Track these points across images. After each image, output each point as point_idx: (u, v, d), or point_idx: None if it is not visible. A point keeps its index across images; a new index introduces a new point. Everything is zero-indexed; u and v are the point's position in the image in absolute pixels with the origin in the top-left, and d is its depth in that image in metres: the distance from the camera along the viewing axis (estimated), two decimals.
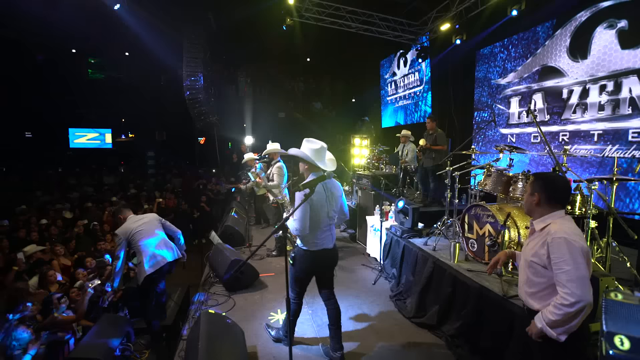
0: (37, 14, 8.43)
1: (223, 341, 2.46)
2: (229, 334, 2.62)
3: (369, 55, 12.55)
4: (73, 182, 12.12)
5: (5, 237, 5.92)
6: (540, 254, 1.55)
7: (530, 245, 1.69)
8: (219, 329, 2.56)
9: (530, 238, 1.74)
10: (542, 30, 6.19)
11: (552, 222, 1.59)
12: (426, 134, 6.36)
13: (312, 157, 2.69)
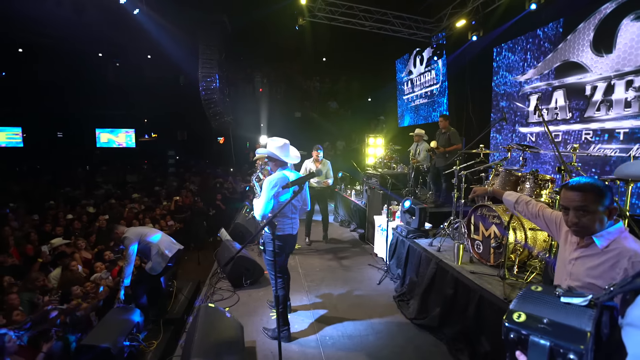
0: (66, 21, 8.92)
1: (220, 334, 2.53)
2: (227, 327, 2.68)
3: (385, 54, 12.42)
4: (99, 179, 12.74)
5: (34, 231, 6.31)
6: (611, 276, 1.34)
7: (587, 264, 1.43)
8: (216, 322, 2.63)
9: (579, 255, 1.47)
10: (562, 24, 5.91)
11: (620, 238, 1.38)
12: (439, 133, 6.23)
13: (278, 154, 3.04)
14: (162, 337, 3.72)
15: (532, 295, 0.95)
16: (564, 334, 0.83)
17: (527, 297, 1.01)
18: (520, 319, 0.91)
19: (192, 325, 2.65)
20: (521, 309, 0.97)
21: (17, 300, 3.93)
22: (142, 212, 8.16)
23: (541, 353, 0.84)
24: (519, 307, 0.98)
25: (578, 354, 0.79)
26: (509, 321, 0.91)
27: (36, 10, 8.35)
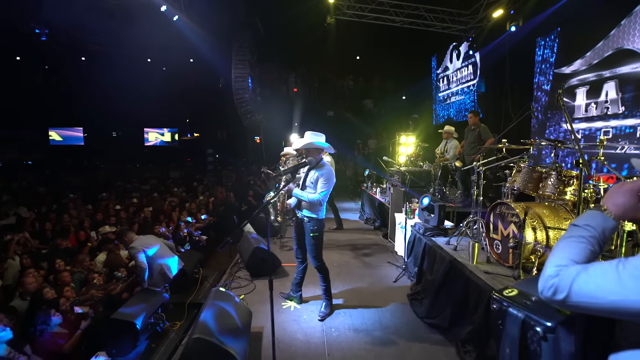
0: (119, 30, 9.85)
1: (226, 316, 2.68)
2: (234, 310, 2.83)
3: (419, 50, 12.06)
4: (146, 175, 13.85)
5: (88, 219, 7.06)
6: None
7: None
8: (224, 304, 2.79)
9: None
10: (615, 8, 5.35)
11: None
12: (467, 130, 5.96)
13: (324, 145, 3.38)
14: (185, 319, 4.00)
15: (535, 279, 0.96)
16: (542, 311, 0.83)
17: (534, 279, 1.03)
18: (510, 294, 0.94)
19: (202, 307, 2.83)
20: (518, 287, 1.01)
21: (69, 277, 4.44)
22: (179, 206, 8.75)
23: (515, 324, 0.85)
24: (517, 285, 1.02)
25: (544, 329, 0.79)
26: (497, 293, 0.93)
27: (93, 22, 9.31)
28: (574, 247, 0.93)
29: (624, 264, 0.80)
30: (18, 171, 12.85)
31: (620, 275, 0.79)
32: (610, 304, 0.78)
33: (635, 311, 0.77)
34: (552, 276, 0.87)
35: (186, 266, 4.64)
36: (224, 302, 2.83)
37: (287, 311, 3.54)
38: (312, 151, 3.29)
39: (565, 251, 0.93)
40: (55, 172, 12.99)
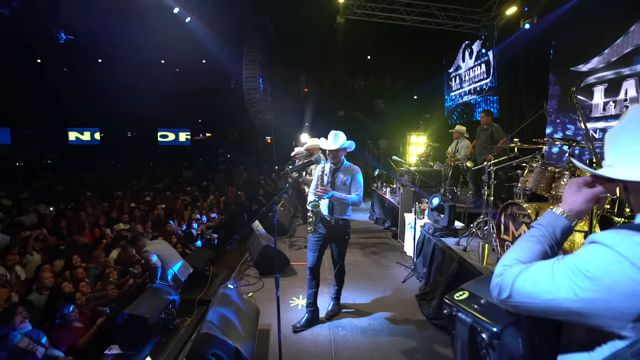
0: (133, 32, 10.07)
1: (233, 312, 2.72)
2: (242, 307, 2.87)
3: (431, 49, 11.93)
4: (160, 174, 14.12)
5: (103, 216, 7.25)
6: None
7: None
8: (232, 301, 2.82)
9: None
10: (635, 3, 5.18)
11: None
12: (479, 129, 5.87)
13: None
14: (195, 315, 4.08)
15: (487, 279, 0.95)
16: (490, 314, 0.81)
17: (481, 280, 1.00)
18: (460, 297, 0.91)
19: (211, 303, 2.88)
20: (468, 288, 0.98)
21: (84, 273, 4.58)
22: (190, 204, 8.90)
23: (464, 329, 0.83)
24: (468, 287, 0.99)
25: (490, 335, 0.77)
26: (448, 297, 0.91)
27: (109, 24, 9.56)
28: (523, 246, 0.92)
29: (559, 262, 0.79)
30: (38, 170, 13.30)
31: (554, 274, 0.77)
32: (544, 303, 0.76)
33: (566, 310, 0.74)
34: (497, 275, 0.86)
35: (197, 264, 4.73)
36: (233, 299, 2.87)
37: (295, 309, 3.56)
38: (340, 152, 3.25)
39: (514, 251, 0.92)
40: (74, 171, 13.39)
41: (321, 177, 3.30)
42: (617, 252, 0.71)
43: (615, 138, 0.83)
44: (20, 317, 3.20)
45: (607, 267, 0.70)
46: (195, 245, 6.81)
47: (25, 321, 3.27)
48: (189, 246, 6.62)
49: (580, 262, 0.75)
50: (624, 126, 0.81)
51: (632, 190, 0.82)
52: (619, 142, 0.82)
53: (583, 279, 0.72)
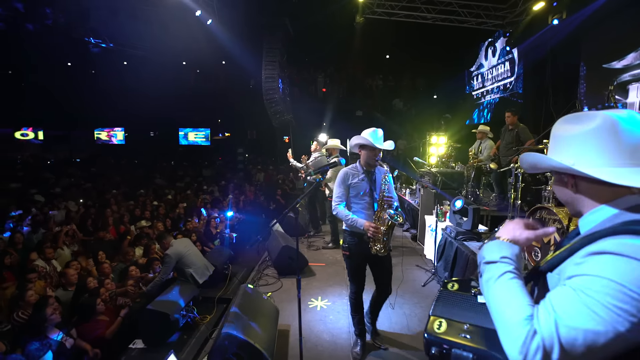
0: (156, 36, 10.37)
1: (254, 312, 2.73)
2: (262, 307, 2.88)
3: (452, 48, 11.66)
4: (180, 173, 14.46)
5: (128, 214, 7.48)
6: None
7: None
8: (252, 301, 2.84)
9: None
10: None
11: None
12: (504, 130, 5.67)
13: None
14: (215, 313, 4.14)
15: (450, 297, 0.88)
16: (488, 341, 0.75)
17: (445, 298, 0.94)
18: (441, 329, 0.83)
19: (232, 303, 2.91)
20: (441, 314, 0.89)
21: (109, 269, 4.74)
22: (210, 203, 9.06)
23: None
24: (439, 312, 0.90)
25: None
26: (429, 333, 0.83)
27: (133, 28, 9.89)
28: (516, 287, 0.82)
29: (582, 294, 0.71)
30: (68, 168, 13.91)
31: (592, 309, 0.69)
32: (606, 345, 0.68)
33: (631, 342, 0.68)
34: (530, 335, 0.72)
35: (216, 262, 4.81)
36: (252, 299, 2.89)
37: (314, 311, 3.55)
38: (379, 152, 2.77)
39: (518, 296, 0.80)
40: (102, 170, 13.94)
41: (371, 183, 2.71)
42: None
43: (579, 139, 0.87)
44: (51, 308, 3.35)
45: None
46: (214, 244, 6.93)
47: (56, 312, 3.42)
48: (208, 244, 6.74)
49: (611, 285, 0.69)
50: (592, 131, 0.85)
51: (582, 190, 0.88)
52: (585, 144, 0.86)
53: (629, 301, 0.67)
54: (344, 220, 2.67)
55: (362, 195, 2.67)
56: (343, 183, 2.71)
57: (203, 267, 4.40)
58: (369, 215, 2.65)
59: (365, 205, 2.69)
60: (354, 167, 2.77)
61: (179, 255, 4.19)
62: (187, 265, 4.26)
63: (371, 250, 2.56)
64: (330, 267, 4.70)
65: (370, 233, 2.50)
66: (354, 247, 2.71)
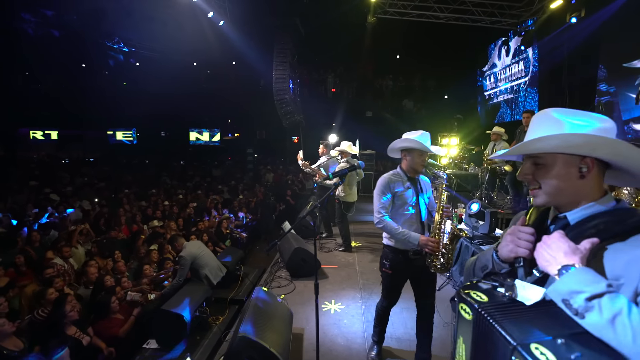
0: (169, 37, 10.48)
1: (269, 316, 2.71)
2: (277, 310, 2.86)
3: (464, 47, 11.52)
4: (190, 172, 14.60)
5: (140, 213, 7.57)
6: None
7: None
8: (268, 304, 2.83)
9: None
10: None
11: None
12: (520, 131, 5.55)
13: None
14: (227, 314, 4.14)
15: (509, 310, 0.74)
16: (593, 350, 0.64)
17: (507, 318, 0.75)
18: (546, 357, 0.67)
19: (247, 306, 2.90)
20: (528, 338, 0.70)
21: (124, 267, 4.79)
22: (221, 203, 9.11)
23: None
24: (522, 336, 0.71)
25: None
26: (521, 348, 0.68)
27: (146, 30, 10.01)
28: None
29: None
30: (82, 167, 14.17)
31: None
32: None
33: None
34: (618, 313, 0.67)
35: (228, 263, 4.82)
36: (267, 302, 2.88)
37: (328, 314, 3.52)
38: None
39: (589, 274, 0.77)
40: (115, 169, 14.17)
41: (418, 191, 2.42)
42: None
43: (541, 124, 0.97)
44: (70, 305, 3.39)
45: None
46: (225, 244, 6.95)
47: (74, 309, 3.46)
48: (219, 244, 6.77)
49: None
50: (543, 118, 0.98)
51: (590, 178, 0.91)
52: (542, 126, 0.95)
53: None
54: (392, 234, 2.33)
55: (407, 206, 2.36)
56: (387, 191, 2.38)
57: (217, 268, 4.41)
58: (416, 228, 2.39)
59: (410, 216, 2.38)
60: (396, 173, 2.46)
61: (193, 256, 4.20)
62: (201, 266, 4.27)
63: (430, 268, 2.30)
64: (343, 269, 4.66)
65: (429, 249, 2.23)
66: (398, 264, 2.42)
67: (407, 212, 2.38)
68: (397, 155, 2.51)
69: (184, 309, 3.59)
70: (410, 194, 2.38)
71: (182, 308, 3.58)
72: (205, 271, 4.31)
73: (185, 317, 3.53)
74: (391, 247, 2.43)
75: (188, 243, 4.33)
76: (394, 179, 2.41)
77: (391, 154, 2.54)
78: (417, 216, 2.41)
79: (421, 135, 2.36)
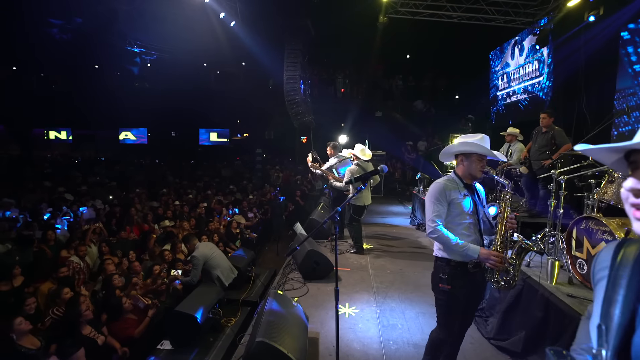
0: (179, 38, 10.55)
1: (285, 320, 2.68)
2: (293, 315, 2.83)
3: (476, 47, 11.35)
4: (199, 172, 14.68)
5: (151, 213, 7.62)
6: None
7: None
8: (283, 308, 2.80)
9: None
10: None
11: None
12: (537, 132, 5.41)
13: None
14: (240, 315, 4.13)
15: None
16: None
17: None
18: None
19: (262, 308, 2.87)
20: None
21: (139, 267, 4.82)
22: (231, 203, 9.14)
23: None
24: None
25: None
26: None
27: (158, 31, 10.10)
28: None
29: None
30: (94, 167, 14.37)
31: None
32: None
33: None
34: None
35: (240, 264, 4.81)
36: (283, 306, 2.85)
37: (342, 318, 3.47)
38: None
39: None
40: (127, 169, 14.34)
41: (475, 199, 2.20)
42: None
43: None
44: (85, 305, 3.41)
45: None
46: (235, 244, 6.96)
47: (89, 309, 3.49)
48: (230, 245, 6.77)
49: None
50: None
51: None
52: None
53: None
54: (448, 246, 2.09)
55: (464, 215, 2.15)
56: (443, 199, 2.14)
57: (228, 270, 4.40)
58: (474, 239, 2.16)
59: (468, 226, 2.15)
60: (450, 179, 2.23)
61: (206, 257, 4.21)
62: (213, 267, 4.27)
63: (492, 284, 2.13)
64: (356, 272, 4.61)
65: (491, 264, 2.01)
66: (458, 279, 2.13)
67: (465, 222, 2.15)
68: (449, 159, 2.38)
69: (197, 311, 3.59)
70: (468, 202, 2.16)
71: (195, 309, 3.58)
72: (217, 272, 4.31)
73: (199, 319, 3.53)
74: (446, 259, 2.17)
75: (200, 244, 4.34)
76: (449, 185, 2.18)
77: (444, 159, 2.39)
78: (476, 226, 2.18)
79: (482, 138, 2.17)
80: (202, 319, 3.59)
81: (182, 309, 3.52)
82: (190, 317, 3.49)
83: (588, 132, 6.69)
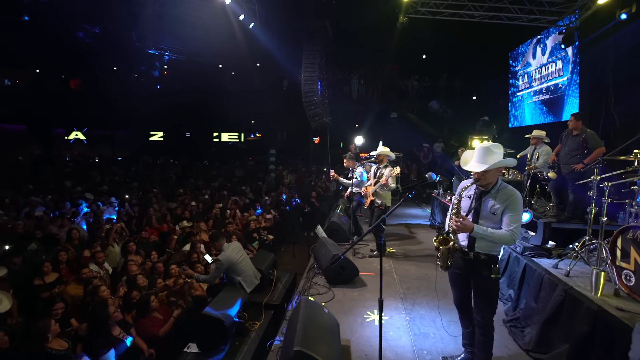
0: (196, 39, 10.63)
1: (319, 328, 2.63)
2: (325, 322, 2.78)
3: (495, 46, 11.11)
4: (214, 173, 14.76)
5: (169, 213, 7.66)
6: None
7: None
8: (316, 316, 2.74)
9: None
10: None
11: None
12: (566, 135, 5.22)
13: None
14: (263, 319, 4.09)
15: None
16: None
17: None
18: None
19: (294, 315, 2.82)
20: None
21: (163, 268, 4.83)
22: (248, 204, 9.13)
23: None
24: None
25: None
26: None
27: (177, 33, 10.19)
28: None
29: None
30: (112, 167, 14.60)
31: None
32: None
33: None
34: None
35: (262, 267, 4.77)
36: (315, 313, 2.80)
37: (371, 325, 3.40)
38: (492, 172, 2.40)
39: None
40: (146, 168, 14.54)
41: (457, 202, 2.52)
42: None
43: None
44: (113, 307, 3.43)
45: None
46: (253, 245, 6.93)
47: (118, 310, 3.51)
48: (248, 247, 6.75)
49: None
50: None
51: None
52: None
53: None
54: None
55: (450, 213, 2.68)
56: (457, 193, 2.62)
57: (252, 276, 4.36)
58: None
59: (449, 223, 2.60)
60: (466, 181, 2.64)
61: (231, 262, 4.16)
62: (237, 273, 4.23)
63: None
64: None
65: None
66: None
67: None
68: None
69: (225, 314, 3.57)
70: (467, 202, 2.54)
71: (222, 313, 3.57)
72: (240, 279, 4.25)
73: (226, 323, 3.51)
74: (497, 256, 2.51)
75: (227, 245, 4.29)
76: (464, 183, 2.59)
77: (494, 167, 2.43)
78: None
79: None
80: (230, 323, 3.57)
81: (210, 313, 3.51)
82: (219, 320, 3.48)
83: (616, 135, 6.47)
